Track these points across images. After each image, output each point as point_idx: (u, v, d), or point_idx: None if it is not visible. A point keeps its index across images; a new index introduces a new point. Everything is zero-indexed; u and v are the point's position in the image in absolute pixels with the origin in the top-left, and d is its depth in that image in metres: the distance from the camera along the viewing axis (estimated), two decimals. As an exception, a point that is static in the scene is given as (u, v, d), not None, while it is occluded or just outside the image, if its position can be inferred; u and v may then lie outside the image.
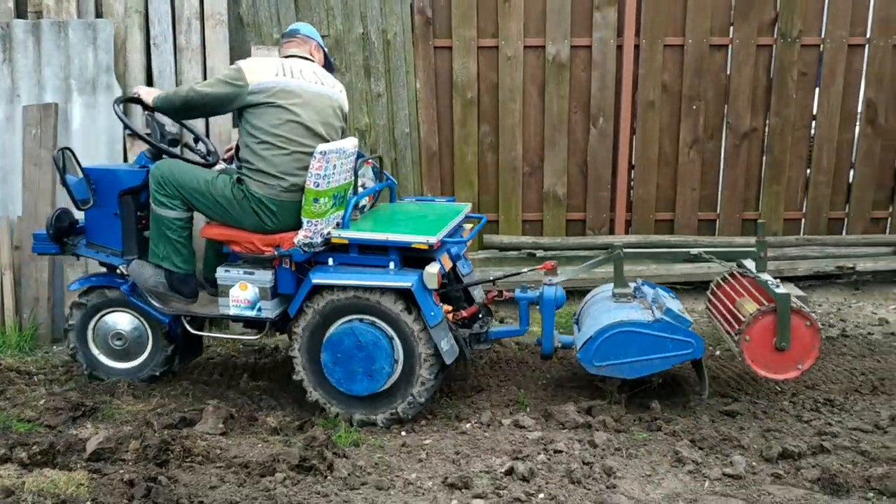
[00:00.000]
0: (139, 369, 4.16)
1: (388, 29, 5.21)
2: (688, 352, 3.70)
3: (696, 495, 2.99)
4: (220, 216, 3.80)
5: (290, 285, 3.79)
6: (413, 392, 3.69)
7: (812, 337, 3.64)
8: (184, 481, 3.07)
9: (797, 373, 3.67)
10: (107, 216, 3.96)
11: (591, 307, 4.12)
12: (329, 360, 3.71)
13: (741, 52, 5.48)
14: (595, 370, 3.76)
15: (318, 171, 3.58)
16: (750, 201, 5.74)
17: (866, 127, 5.65)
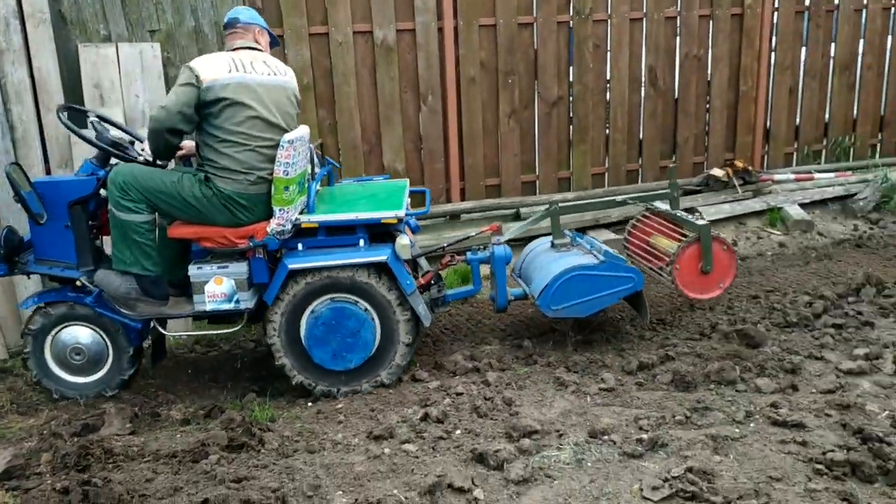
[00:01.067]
0: (106, 380, 4.04)
1: (221, 21, 5.25)
2: (630, 285, 4.18)
3: (584, 408, 3.56)
4: (189, 215, 3.78)
5: (265, 274, 3.86)
6: (395, 358, 3.95)
7: (729, 259, 4.32)
8: (117, 480, 3.14)
9: (720, 291, 4.35)
10: (57, 229, 3.83)
11: (535, 260, 4.51)
12: (312, 341, 3.86)
13: (544, 29, 6.15)
14: (553, 314, 4.16)
15: (287, 159, 3.70)
16: (563, 161, 6.47)
17: (650, 89, 6.58)
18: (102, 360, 4.01)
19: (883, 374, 3.74)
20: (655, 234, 4.62)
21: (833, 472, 2.90)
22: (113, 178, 3.76)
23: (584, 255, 4.36)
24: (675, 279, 4.26)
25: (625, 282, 4.18)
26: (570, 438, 3.27)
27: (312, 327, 3.85)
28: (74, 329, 3.96)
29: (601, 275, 4.15)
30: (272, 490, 2.96)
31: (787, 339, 4.24)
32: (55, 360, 3.99)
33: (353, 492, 2.97)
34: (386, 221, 3.86)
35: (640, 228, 4.84)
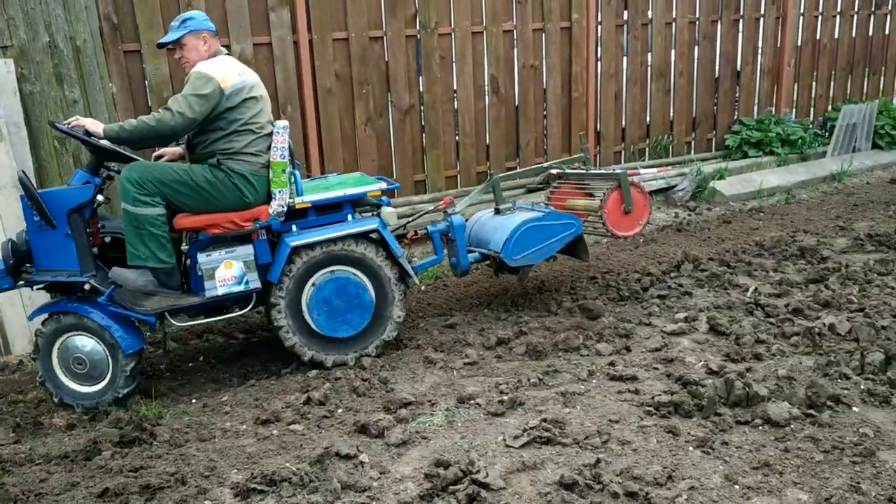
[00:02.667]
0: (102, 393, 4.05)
1: (77, 36, 5.31)
2: (573, 230, 4.87)
3: (452, 381, 3.99)
4: (199, 202, 3.99)
5: (268, 255, 4.15)
6: (393, 315, 4.35)
7: (644, 200, 5.13)
8: (11, 483, 3.26)
9: (640, 227, 5.14)
10: (58, 238, 3.87)
11: (484, 226, 5.00)
12: (316, 313, 4.18)
13: (394, 42, 6.57)
14: (515, 263, 4.74)
15: (282, 144, 4.12)
16: (418, 165, 6.91)
17: (493, 97, 7.16)
18: (102, 374, 4.03)
19: (699, 333, 4.41)
20: (570, 199, 5.36)
21: (660, 411, 3.47)
22: (128, 176, 3.90)
23: (530, 212, 4.96)
24: (605, 222, 4.98)
25: (568, 227, 4.87)
26: (441, 406, 3.68)
27: (315, 300, 4.17)
28: (80, 339, 4.00)
29: (549, 224, 4.82)
30: (170, 474, 3.18)
31: (621, 311, 4.87)
32: (60, 365, 4.03)
33: (247, 469, 3.24)
34: (372, 194, 4.37)
35: (556, 196, 5.55)
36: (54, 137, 5.31)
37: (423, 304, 5.38)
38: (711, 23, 8.38)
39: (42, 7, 5.19)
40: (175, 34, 4.18)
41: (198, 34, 4.19)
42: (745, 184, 8.04)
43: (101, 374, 4.03)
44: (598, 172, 5.41)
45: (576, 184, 5.49)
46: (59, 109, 5.35)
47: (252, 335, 5.04)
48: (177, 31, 4.18)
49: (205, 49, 4.21)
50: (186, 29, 4.17)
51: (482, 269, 5.94)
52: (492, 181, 5.22)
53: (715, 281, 5.29)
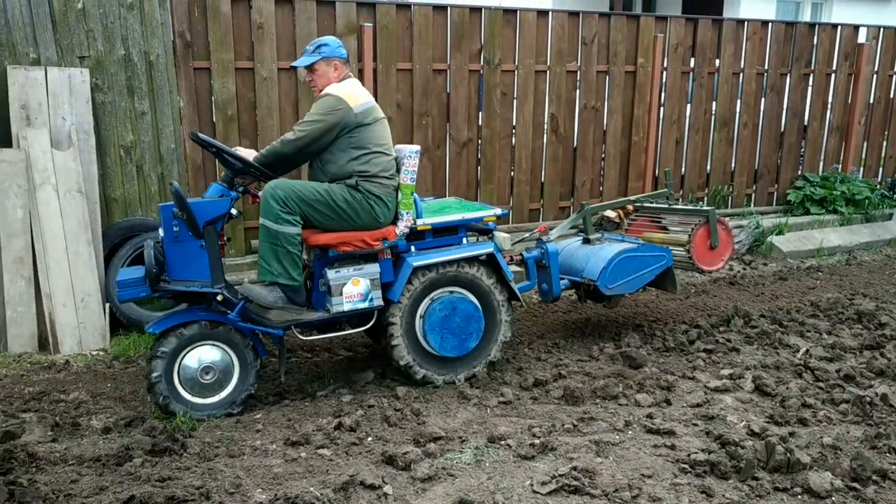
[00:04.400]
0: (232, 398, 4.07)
1: (151, 51, 5.50)
2: (664, 262, 5.00)
3: (484, 418, 3.94)
4: (335, 221, 4.11)
5: (390, 273, 4.27)
6: (500, 336, 4.51)
7: (728, 237, 5.28)
8: (42, 481, 3.31)
9: (723, 263, 5.26)
10: (193, 248, 3.95)
11: (574, 254, 5.09)
12: (432, 333, 4.29)
13: (457, 76, 6.63)
14: (609, 291, 4.87)
15: (413, 168, 4.28)
16: (471, 198, 6.92)
17: (551, 135, 7.15)
18: (229, 378, 4.06)
19: (743, 392, 4.28)
20: (646, 232, 5.44)
21: (695, 470, 3.36)
22: (273, 193, 4.00)
23: (622, 243, 5.05)
24: (692, 256, 5.09)
25: (660, 259, 5.00)
26: (471, 443, 3.63)
27: (429, 320, 4.29)
28: (202, 349, 4.00)
29: (643, 255, 4.95)
30: (196, 488, 3.20)
31: (664, 362, 4.76)
32: (183, 382, 3.99)
33: (271, 489, 3.23)
34: (488, 219, 4.52)
35: (632, 229, 5.60)
36: (121, 146, 5.50)
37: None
38: (780, 76, 8.25)
39: (121, 21, 5.40)
40: (309, 59, 4.28)
41: (329, 61, 4.27)
42: (804, 241, 7.84)
43: (225, 384, 4.05)
44: (683, 208, 5.51)
45: (652, 217, 5.56)
46: (127, 120, 5.53)
47: (292, 354, 5.07)
48: (310, 56, 4.29)
49: (335, 76, 4.30)
50: (320, 55, 4.26)
51: (527, 308, 5.89)
52: (583, 211, 5.30)
53: (765, 339, 5.15)
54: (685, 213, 5.43)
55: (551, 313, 5.86)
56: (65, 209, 5.10)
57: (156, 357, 3.93)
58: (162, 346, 3.95)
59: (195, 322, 3.99)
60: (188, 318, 4.00)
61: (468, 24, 6.59)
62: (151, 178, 5.61)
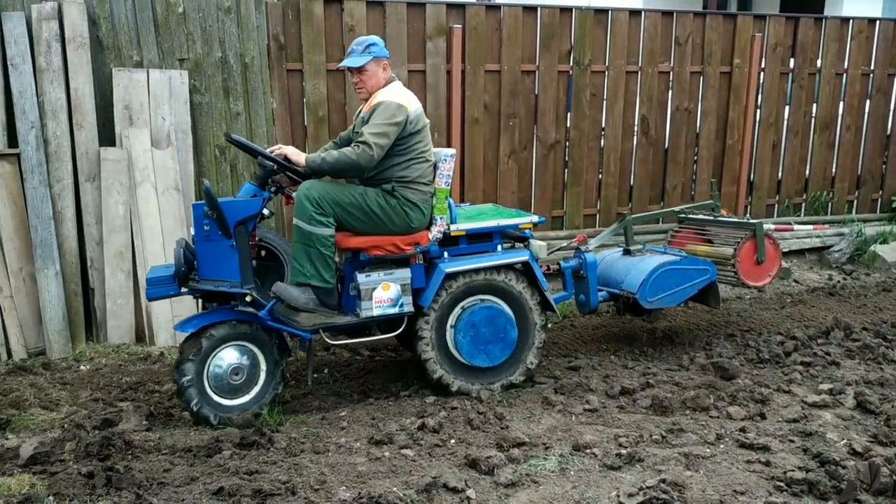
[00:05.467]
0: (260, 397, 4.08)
1: (246, 53, 5.64)
2: (707, 276, 4.83)
3: (569, 425, 3.87)
4: (367, 225, 4.07)
5: (422, 279, 4.21)
6: (535, 345, 4.38)
7: (775, 251, 5.07)
8: (138, 468, 3.42)
9: (769, 279, 5.08)
10: (223, 248, 3.93)
11: (613, 266, 4.99)
12: (461, 341, 4.21)
13: (545, 77, 6.56)
14: (649, 305, 4.75)
15: (448, 171, 4.23)
16: (557, 201, 6.84)
17: (641, 138, 6.99)
18: (256, 377, 4.07)
19: (844, 409, 4.07)
20: (690, 244, 5.29)
21: (792, 489, 3.21)
22: (307, 194, 3.96)
23: (664, 255, 4.91)
24: (737, 270, 4.92)
25: (703, 273, 4.84)
26: (555, 450, 3.57)
27: (460, 328, 4.20)
28: (230, 350, 4.00)
29: (685, 268, 4.80)
30: (282, 482, 3.24)
31: (758, 374, 4.57)
32: (212, 384, 3.99)
33: (355, 487, 3.25)
34: (524, 227, 4.40)
35: (675, 241, 5.48)
36: (216, 146, 5.66)
37: (547, 342, 5.27)
38: (888, 76, 7.83)
39: (219, 25, 5.56)
40: (360, 59, 4.16)
41: (379, 61, 4.19)
42: (911, 251, 7.41)
43: (252, 385, 4.07)
44: (729, 220, 5.30)
45: (697, 230, 5.40)
46: (223, 120, 5.69)
47: (376, 353, 5.11)
48: (360, 55, 4.17)
49: (383, 76, 4.23)
50: (371, 55, 4.16)
51: (612, 314, 5.77)
52: (624, 222, 5.17)
53: (867, 353, 4.88)
54: (731, 226, 5.20)
55: (639, 320, 5.72)
56: (162, 206, 5.28)
57: (186, 360, 3.91)
58: (192, 348, 3.92)
59: (225, 322, 3.98)
60: (218, 319, 3.99)
61: (558, 25, 6.51)
62: (244, 176, 5.75)
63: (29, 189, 5.04)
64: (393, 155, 4.09)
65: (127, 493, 3.20)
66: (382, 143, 3.98)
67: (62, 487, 3.23)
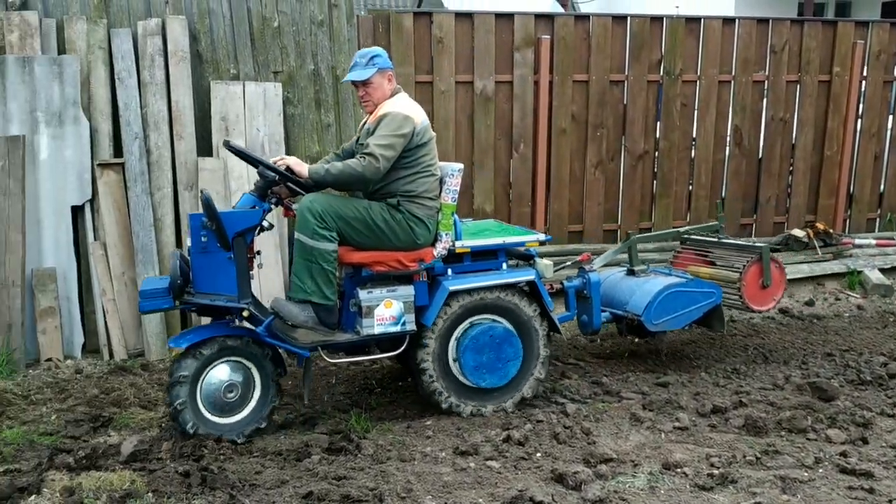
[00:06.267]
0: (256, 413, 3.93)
1: (337, 65, 5.77)
2: (713, 299, 4.74)
3: (658, 443, 3.78)
4: (371, 240, 3.95)
5: (425, 297, 4.07)
6: (535, 372, 4.24)
7: (781, 275, 4.96)
8: (231, 470, 3.51)
9: (774, 303, 4.98)
10: (221, 261, 3.80)
11: (617, 286, 4.90)
12: (463, 361, 4.06)
13: (635, 87, 6.46)
14: (654, 327, 4.64)
15: (455, 187, 4.12)
16: (645, 212, 6.72)
17: (734, 149, 6.80)
18: (250, 394, 3.94)
19: (955, 436, 3.84)
20: (692, 266, 5.17)
21: (898, 519, 3.05)
22: (310, 207, 3.82)
23: (670, 277, 4.79)
24: (742, 294, 4.80)
25: (709, 296, 4.72)
26: (644, 468, 3.49)
27: (463, 347, 4.07)
28: (222, 367, 3.87)
29: (691, 291, 4.69)
30: (369, 489, 3.28)
31: (859, 396, 4.37)
32: (206, 404, 3.84)
33: (441, 497, 3.25)
34: (529, 245, 4.30)
35: (678, 262, 5.36)
36: (307, 156, 5.79)
37: (634, 357, 5.18)
38: None
39: (311, 38, 5.70)
40: (366, 72, 4.03)
41: (384, 72, 4.07)
42: None
43: (245, 403, 3.92)
44: (735, 243, 5.19)
45: (699, 251, 5.30)
46: (314, 131, 5.83)
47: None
48: (365, 68, 4.04)
49: (389, 87, 4.11)
50: (375, 67, 4.03)
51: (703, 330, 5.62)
52: (629, 241, 5.07)
53: (980, 377, 4.60)
54: (736, 249, 5.07)
55: (730, 336, 5.56)
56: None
57: (178, 383, 3.75)
58: (182, 369, 3.76)
59: (218, 338, 3.82)
60: (213, 334, 3.84)
61: (648, 34, 6.42)
62: (333, 186, 5.86)
63: (132, 197, 5.27)
64: (398, 168, 3.97)
65: (221, 493, 3.29)
66: (388, 154, 3.86)
67: (160, 485, 3.35)
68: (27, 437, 3.95)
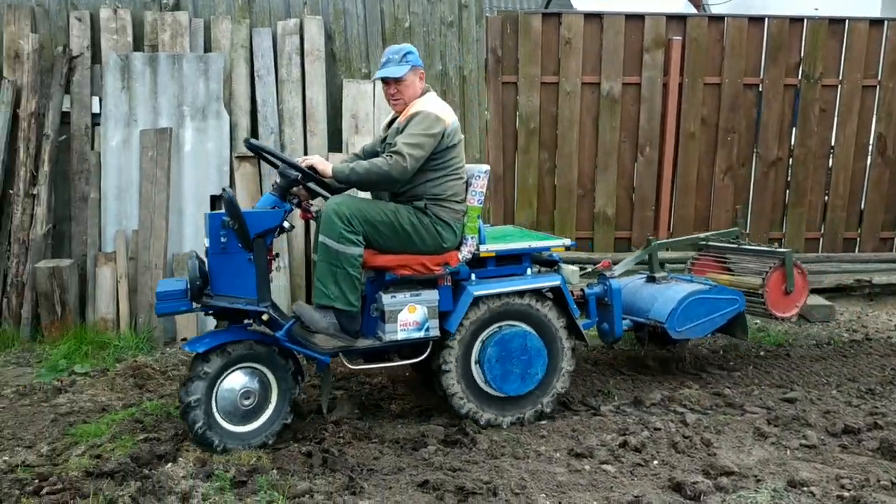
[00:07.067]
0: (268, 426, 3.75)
1: (465, 66, 5.85)
2: (737, 306, 4.63)
3: (783, 461, 3.62)
4: (396, 244, 3.80)
5: (449, 302, 3.93)
6: (557, 385, 4.12)
7: (804, 282, 4.88)
8: (350, 454, 3.63)
9: (796, 310, 4.89)
10: (240, 262, 3.66)
11: (638, 292, 4.77)
12: (486, 368, 3.93)
13: (770, 91, 6.22)
14: (677, 335, 4.53)
15: (481, 189, 3.99)
16: (776, 222, 6.45)
17: (877, 158, 6.43)
18: (266, 404, 3.76)
19: None
20: (709, 272, 5.07)
21: None
22: (337, 210, 3.67)
23: (692, 283, 4.70)
24: (765, 301, 4.73)
25: (732, 303, 4.63)
26: (767, 484, 3.36)
27: (486, 354, 3.93)
28: (240, 372, 3.70)
29: (714, 298, 4.59)
30: (484, 482, 3.31)
31: None
32: (220, 408, 3.66)
33: (555, 496, 3.25)
34: (555, 249, 4.16)
35: (695, 269, 5.26)
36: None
37: (759, 370, 4.98)
38: None
39: (441, 39, 5.81)
40: (400, 69, 3.88)
41: (416, 70, 3.93)
42: None
43: (262, 410, 3.74)
44: (755, 248, 5.10)
45: (717, 258, 5.21)
46: (440, 130, 5.90)
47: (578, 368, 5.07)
48: (399, 65, 3.88)
49: (420, 86, 3.97)
50: (409, 64, 3.89)
51: (834, 346, 5.36)
52: (650, 248, 4.90)
53: None
54: (755, 255, 4.99)
55: (865, 355, 5.26)
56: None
57: (196, 378, 3.58)
58: (203, 366, 3.59)
59: (237, 343, 3.66)
60: (233, 338, 3.69)
61: (787, 36, 6.16)
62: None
63: (266, 189, 5.53)
64: (426, 170, 3.82)
65: (340, 475, 3.41)
66: (417, 154, 3.70)
67: (284, 463, 3.51)
68: (165, 409, 4.22)
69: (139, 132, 5.46)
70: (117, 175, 5.48)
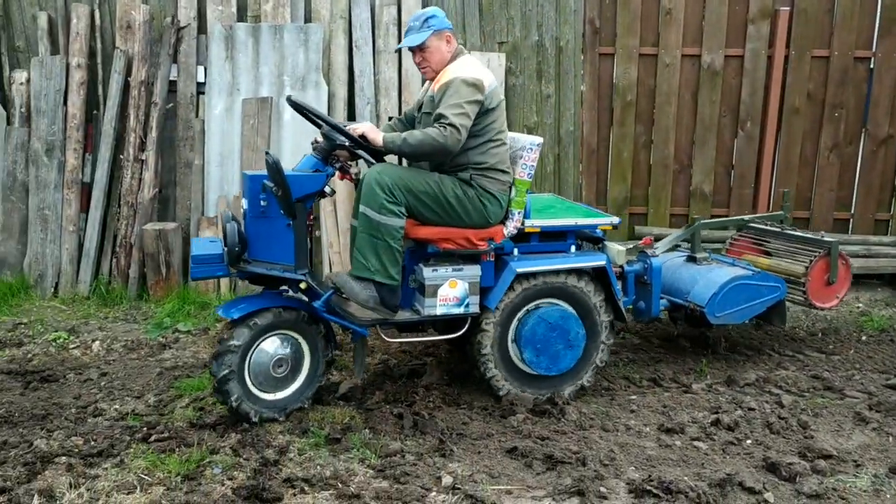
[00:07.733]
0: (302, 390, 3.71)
1: (561, 37, 5.78)
2: (777, 294, 4.51)
3: (886, 447, 3.51)
4: (442, 216, 3.68)
5: (491, 278, 3.83)
6: (596, 361, 4.02)
7: (846, 272, 4.72)
8: (440, 418, 3.70)
9: (837, 301, 4.74)
10: (279, 228, 3.55)
11: (678, 273, 4.63)
12: (524, 346, 3.84)
13: (884, 64, 5.91)
14: (717, 320, 4.42)
15: (532, 162, 3.82)
16: (884, 203, 6.16)
17: None
18: (299, 370, 3.71)
19: None
20: (746, 254, 4.94)
21: None
22: (378, 179, 3.53)
23: (734, 268, 4.55)
24: (807, 290, 4.59)
25: (773, 290, 4.50)
26: (868, 469, 3.27)
27: (524, 332, 3.84)
28: (273, 339, 3.62)
29: (756, 284, 4.46)
30: (572, 452, 3.34)
31: None
32: (253, 377, 3.58)
33: (645, 469, 3.25)
34: (603, 227, 4.06)
35: (732, 250, 5.08)
36: (524, 126, 5.87)
37: (861, 355, 4.81)
38: None
39: (538, 9, 5.75)
40: (420, 36, 3.71)
41: (440, 34, 3.73)
42: None
43: (294, 378, 3.69)
44: (800, 235, 4.90)
45: (756, 240, 5.05)
46: (533, 102, 5.89)
47: (667, 342, 5.01)
48: (419, 32, 3.72)
49: (447, 50, 3.76)
50: (430, 29, 3.70)
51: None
52: (693, 227, 4.76)
53: None
54: (799, 241, 4.81)
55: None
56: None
57: (228, 351, 3.48)
58: (233, 338, 3.48)
59: (272, 309, 3.55)
60: (265, 305, 3.57)
61: (904, 7, 5.83)
62: (548, 158, 5.91)
63: (361, 158, 5.63)
64: (468, 137, 3.63)
65: (430, 437, 3.49)
66: (467, 123, 3.55)
67: (376, 423, 3.62)
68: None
69: (241, 101, 5.63)
70: (220, 142, 5.67)
